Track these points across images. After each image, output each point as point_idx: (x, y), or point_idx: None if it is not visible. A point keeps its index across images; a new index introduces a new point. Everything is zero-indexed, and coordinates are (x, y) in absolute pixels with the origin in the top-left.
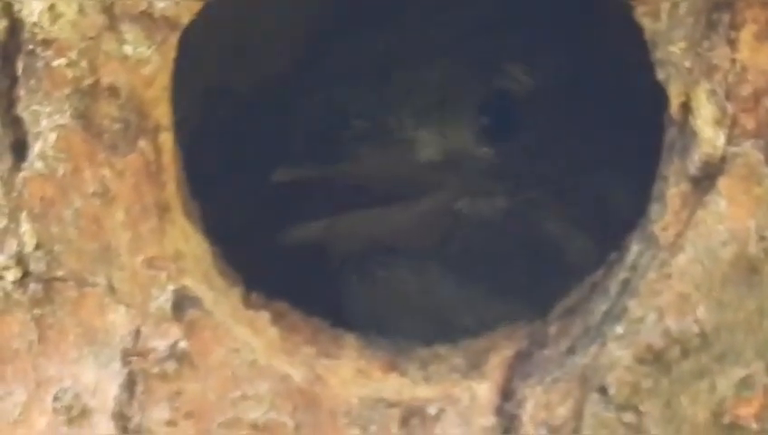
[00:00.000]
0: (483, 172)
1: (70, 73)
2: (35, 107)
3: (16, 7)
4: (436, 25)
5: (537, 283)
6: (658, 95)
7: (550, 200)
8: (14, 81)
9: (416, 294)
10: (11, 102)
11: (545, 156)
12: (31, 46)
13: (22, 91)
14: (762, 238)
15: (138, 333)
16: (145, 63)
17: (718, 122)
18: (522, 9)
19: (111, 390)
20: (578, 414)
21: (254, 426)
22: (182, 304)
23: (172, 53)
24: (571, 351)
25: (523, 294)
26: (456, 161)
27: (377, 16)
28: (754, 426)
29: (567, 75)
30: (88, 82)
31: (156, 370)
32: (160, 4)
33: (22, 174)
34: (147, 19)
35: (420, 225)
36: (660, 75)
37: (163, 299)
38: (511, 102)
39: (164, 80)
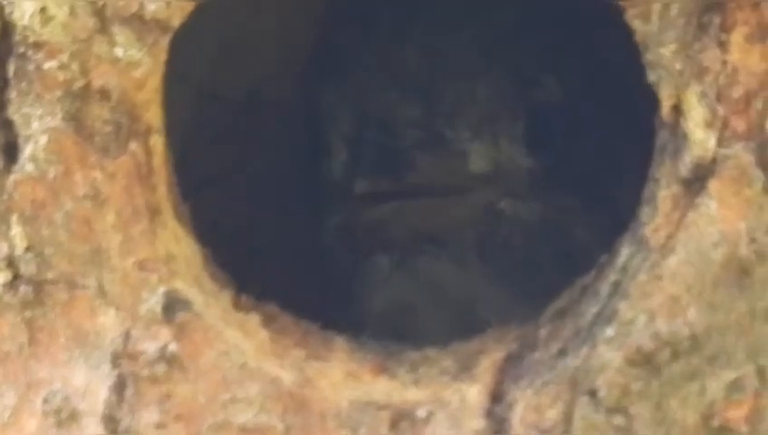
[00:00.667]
0: (525, 182)
1: (61, 76)
2: (26, 109)
3: (7, 10)
4: (469, 34)
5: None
6: None
7: (581, 207)
8: (5, 83)
9: (453, 288)
10: (2, 105)
11: (577, 165)
12: (22, 49)
13: (13, 94)
14: (752, 240)
15: (128, 335)
16: (136, 66)
17: (709, 124)
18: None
19: (101, 392)
20: (568, 417)
21: (244, 429)
22: (172, 306)
23: (163, 56)
24: (561, 353)
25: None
26: (502, 172)
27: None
28: (744, 429)
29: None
30: (79, 84)
31: (146, 372)
32: (151, 7)
33: (13, 176)
34: (138, 21)
35: (468, 219)
36: (651, 77)
37: (153, 301)
38: (550, 112)
39: (155, 82)
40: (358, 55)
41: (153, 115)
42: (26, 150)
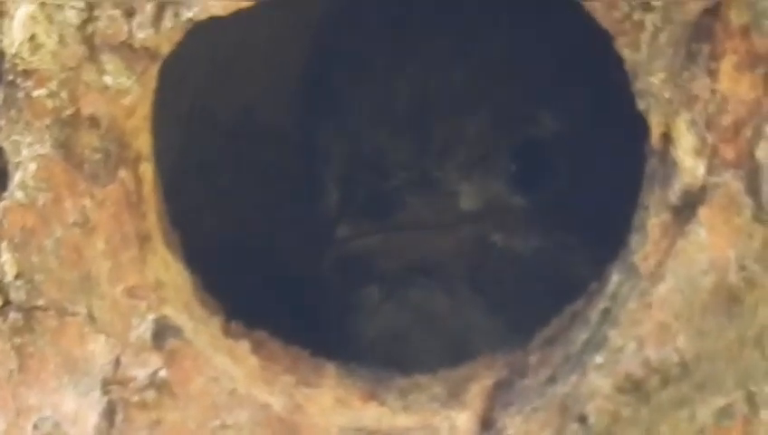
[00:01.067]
0: (517, 219)
1: (50, 104)
2: (16, 137)
3: None
4: (460, 71)
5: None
6: None
7: (580, 243)
8: None
9: (444, 318)
10: None
11: (577, 200)
12: (11, 77)
13: (2, 122)
14: (742, 268)
15: (118, 361)
16: (125, 94)
17: (698, 152)
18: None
19: (91, 419)
20: None
21: None
22: (162, 333)
23: (152, 84)
24: (551, 380)
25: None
26: (493, 209)
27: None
28: None
29: (590, 118)
30: (68, 112)
31: (136, 399)
32: (140, 35)
33: (2, 204)
34: (127, 49)
35: (457, 251)
36: (641, 105)
37: (143, 328)
38: (542, 149)
39: (144, 110)
40: (352, 94)
41: (142, 143)
42: (16, 178)
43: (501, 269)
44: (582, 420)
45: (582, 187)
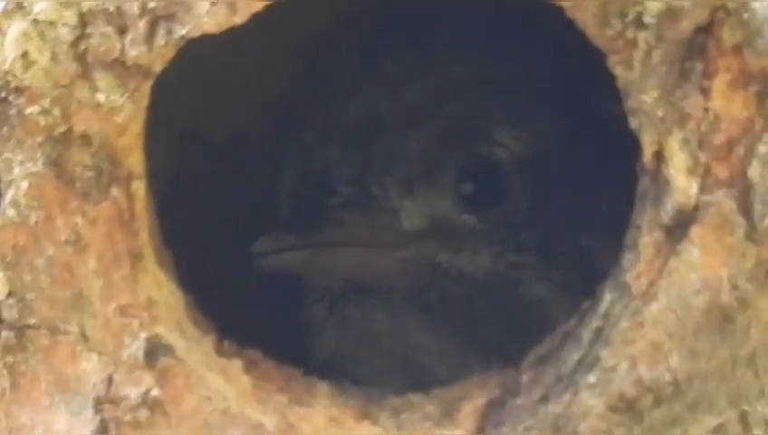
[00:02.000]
0: (466, 237)
1: (42, 121)
2: (8, 155)
3: None
4: (418, 86)
5: (517, 341)
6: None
7: (535, 263)
8: None
9: (387, 337)
10: None
11: (534, 219)
12: (3, 94)
13: None
14: (734, 287)
15: (110, 380)
16: (118, 111)
17: (691, 171)
18: (508, 72)
19: None
20: None
21: None
22: (154, 351)
23: (145, 101)
24: (543, 399)
25: (501, 351)
26: (439, 228)
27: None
28: None
29: (558, 137)
30: (60, 129)
31: (128, 417)
32: (133, 52)
33: None
34: (119, 67)
35: (399, 270)
36: (633, 124)
37: (135, 347)
38: (496, 168)
39: (137, 127)
40: (311, 111)
41: (135, 161)
42: (8, 196)
43: (448, 289)
44: None
45: (544, 207)
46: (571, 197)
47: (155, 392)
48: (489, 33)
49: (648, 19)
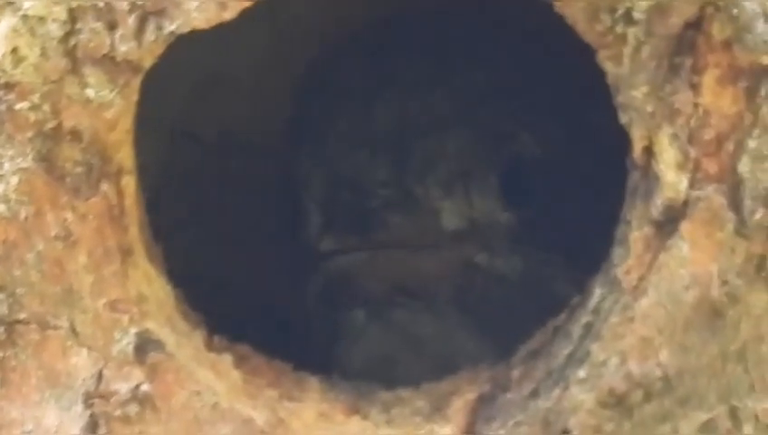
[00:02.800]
0: (502, 236)
1: (32, 117)
2: None
3: None
4: (443, 92)
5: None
6: None
7: (561, 262)
8: None
9: (432, 341)
10: None
11: (558, 219)
12: None
13: None
14: (724, 283)
15: (100, 375)
16: (107, 107)
17: (681, 167)
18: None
19: (73, 432)
20: None
21: None
22: (144, 346)
23: (135, 97)
24: (533, 394)
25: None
26: (479, 228)
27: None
28: None
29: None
30: (50, 125)
31: (118, 412)
32: (123, 48)
33: None
34: (109, 62)
35: (442, 271)
36: (623, 119)
37: (125, 342)
38: (528, 168)
39: (126, 123)
40: (331, 119)
41: (124, 156)
42: None
43: (487, 290)
44: (565, 434)
45: (563, 205)
46: (591, 192)
47: (145, 387)
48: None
49: (637, 15)
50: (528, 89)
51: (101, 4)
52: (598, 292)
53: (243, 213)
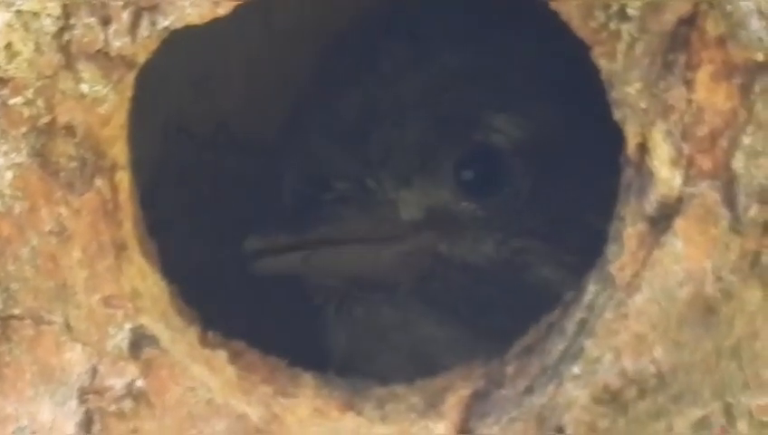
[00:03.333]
0: (466, 225)
1: (26, 112)
2: None
3: None
4: (412, 79)
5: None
6: None
7: (541, 247)
8: None
9: (394, 331)
10: None
11: (540, 203)
12: None
13: None
14: (718, 279)
15: (94, 371)
16: (101, 102)
17: (675, 163)
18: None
19: (68, 428)
20: None
21: None
22: (139, 342)
23: (129, 92)
24: (528, 390)
25: (514, 337)
26: (438, 218)
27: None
28: None
29: (561, 121)
30: (44, 120)
31: (113, 408)
32: (117, 43)
33: None
34: (103, 58)
35: (401, 263)
36: (617, 115)
37: (120, 337)
38: (495, 155)
39: (121, 118)
40: (313, 109)
41: (119, 151)
42: None
43: (452, 279)
44: (560, 430)
45: (548, 191)
46: (580, 179)
47: (139, 383)
48: (484, 22)
49: (631, 11)
50: (515, 71)
51: (95, 0)
52: (592, 288)
53: (237, 209)
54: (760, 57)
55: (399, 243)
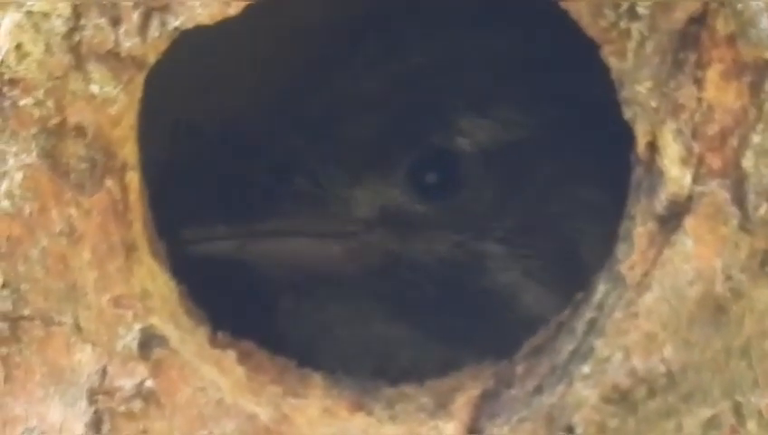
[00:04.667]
0: (419, 226)
1: (36, 113)
2: (2, 146)
3: None
4: (378, 76)
5: (486, 330)
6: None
7: (502, 251)
8: None
9: (341, 327)
10: None
11: (506, 208)
12: None
13: None
14: (728, 278)
15: (104, 371)
16: (111, 103)
17: (684, 162)
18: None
19: (78, 429)
20: None
21: None
22: (149, 342)
23: (138, 93)
24: (537, 390)
25: (469, 340)
26: (390, 217)
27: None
28: None
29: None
30: (54, 121)
31: (122, 409)
32: (127, 44)
33: None
34: (113, 59)
35: (348, 258)
36: (627, 114)
37: (130, 338)
38: (454, 158)
39: (131, 119)
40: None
41: (128, 152)
42: (2, 187)
43: (402, 277)
44: (569, 430)
45: (517, 196)
46: (554, 185)
47: (149, 384)
48: (460, 19)
49: (641, 10)
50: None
51: (105, 0)
52: (602, 287)
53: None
54: None
55: (348, 239)
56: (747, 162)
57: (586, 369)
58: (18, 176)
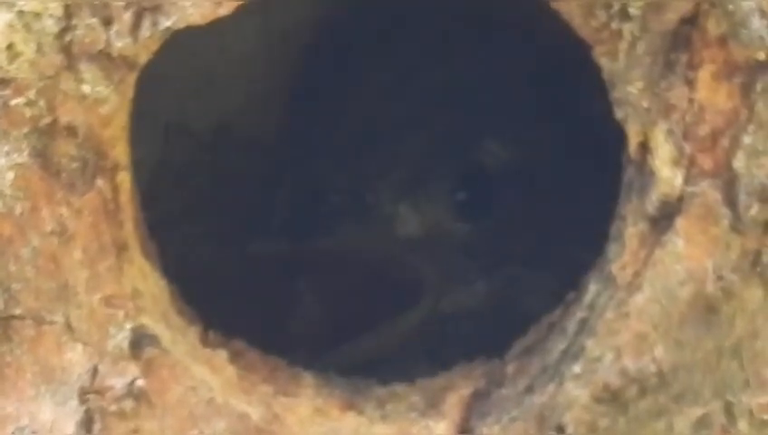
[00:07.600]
0: (460, 249)
1: (28, 112)
2: None
3: None
4: (405, 99)
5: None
6: None
7: (527, 275)
8: None
9: None
10: None
11: (523, 230)
12: None
13: None
14: (719, 278)
15: (95, 371)
16: (103, 103)
17: (676, 162)
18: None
19: (69, 428)
20: None
21: None
22: (140, 342)
23: (130, 93)
24: (528, 390)
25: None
26: (434, 237)
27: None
28: None
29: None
30: (46, 121)
31: (113, 408)
32: (118, 44)
33: None
34: (105, 59)
35: (408, 338)
36: (618, 115)
37: (121, 337)
38: (487, 177)
39: (122, 119)
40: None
41: (120, 152)
42: None
43: (455, 330)
44: (560, 429)
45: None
46: (560, 204)
47: (140, 383)
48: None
49: (633, 10)
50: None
51: (97, 0)
52: (593, 287)
53: (237, 208)
54: (761, 56)
55: (405, 318)
56: (738, 163)
57: (577, 369)
58: (9, 175)
